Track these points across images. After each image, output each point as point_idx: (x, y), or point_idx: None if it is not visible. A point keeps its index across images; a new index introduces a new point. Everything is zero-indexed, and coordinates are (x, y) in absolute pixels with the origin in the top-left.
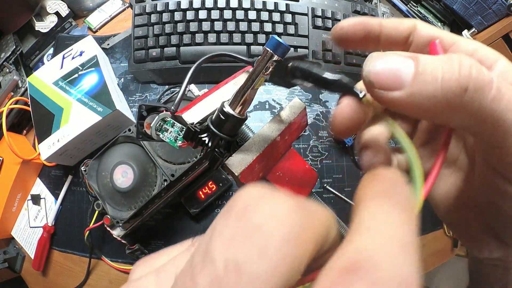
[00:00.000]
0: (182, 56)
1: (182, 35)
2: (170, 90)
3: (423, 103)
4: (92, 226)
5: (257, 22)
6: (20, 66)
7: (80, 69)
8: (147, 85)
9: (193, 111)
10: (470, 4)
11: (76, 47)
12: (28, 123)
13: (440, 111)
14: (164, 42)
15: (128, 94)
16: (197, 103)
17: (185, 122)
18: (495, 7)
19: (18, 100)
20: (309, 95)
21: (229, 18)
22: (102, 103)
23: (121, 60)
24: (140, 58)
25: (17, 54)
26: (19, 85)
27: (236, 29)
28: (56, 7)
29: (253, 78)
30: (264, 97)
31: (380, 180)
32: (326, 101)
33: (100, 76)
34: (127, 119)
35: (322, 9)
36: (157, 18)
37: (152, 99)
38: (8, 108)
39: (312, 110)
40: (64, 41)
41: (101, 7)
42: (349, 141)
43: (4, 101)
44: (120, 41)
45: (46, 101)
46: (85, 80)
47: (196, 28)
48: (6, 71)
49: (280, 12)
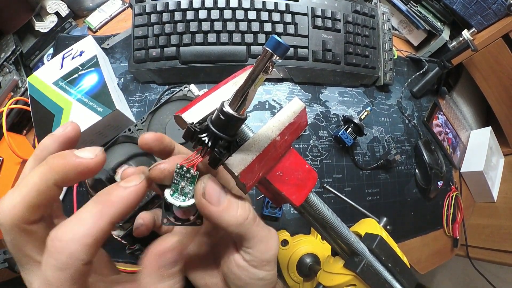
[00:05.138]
0: (182, 56)
1: (182, 35)
2: (170, 90)
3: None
4: None
5: (257, 22)
6: (20, 66)
7: (80, 69)
8: (147, 85)
9: (193, 110)
10: (470, 4)
11: (76, 47)
12: (28, 123)
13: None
14: (164, 42)
15: (128, 94)
16: (197, 103)
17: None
18: (495, 7)
19: (18, 100)
20: (309, 95)
21: (229, 18)
22: (102, 103)
23: (121, 60)
24: (140, 58)
25: (17, 54)
26: (19, 85)
27: (236, 29)
28: (56, 7)
29: (253, 78)
30: (264, 97)
31: None
32: (326, 101)
33: (100, 76)
34: (127, 119)
35: (322, 9)
36: (157, 18)
37: (152, 99)
38: (8, 108)
39: (312, 110)
40: (64, 41)
41: (101, 7)
42: (349, 141)
43: (4, 101)
44: (120, 41)
45: (46, 101)
46: (85, 80)
47: (196, 28)
48: (6, 71)
49: (280, 12)
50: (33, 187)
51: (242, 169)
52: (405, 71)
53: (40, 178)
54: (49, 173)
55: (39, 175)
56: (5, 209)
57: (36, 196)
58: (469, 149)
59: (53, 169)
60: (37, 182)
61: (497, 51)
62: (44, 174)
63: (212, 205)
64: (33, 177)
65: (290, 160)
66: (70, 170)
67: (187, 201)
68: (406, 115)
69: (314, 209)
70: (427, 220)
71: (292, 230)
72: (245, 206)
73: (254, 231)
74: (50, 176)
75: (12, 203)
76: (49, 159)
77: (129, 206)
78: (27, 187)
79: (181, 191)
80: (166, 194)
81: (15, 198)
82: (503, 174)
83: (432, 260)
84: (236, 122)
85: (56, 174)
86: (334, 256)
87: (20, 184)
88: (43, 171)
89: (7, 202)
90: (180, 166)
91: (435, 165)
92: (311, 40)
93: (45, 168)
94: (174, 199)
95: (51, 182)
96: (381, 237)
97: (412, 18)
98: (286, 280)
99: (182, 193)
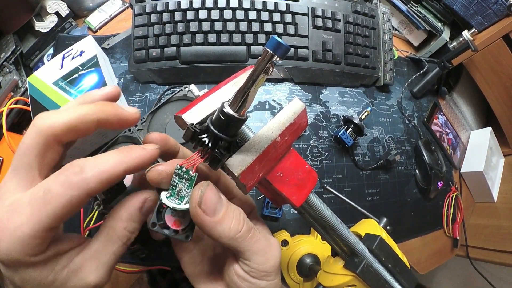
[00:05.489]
0: (182, 56)
1: (182, 35)
2: (170, 90)
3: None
4: (92, 226)
5: (257, 22)
6: (20, 66)
7: (80, 69)
8: (147, 85)
9: (193, 111)
10: (470, 4)
11: (76, 47)
12: (28, 123)
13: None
14: (164, 42)
15: (128, 94)
16: (197, 103)
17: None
18: (495, 7)
19: (18, 100)
20: (309, 95)
21: (229, 18)
22: None
23: (121, 60)
24: (140, 58)
25: (17, 54)
26: (19, 85)
27: (236, 29)
28: (56, 7)
29: (253, 78)
30: (264, 98)
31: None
32: (326, 101)
33: (100, 76)
34: None
35: (322, 9)
36: (157, 18)
37: (152, 99)
38: (8, 108)
39: (312, 110)
40: (64, 41)
41: (101, 7)
42: (349, 142)
43: (4, 101)
44: (120, 41)
45: (46, 101)
46: (85, 80)
47: (196, 28)
48: (6, 71)
49: (280, 12)
50: (79, 116)
51: (242, 170)
52: (405, 72)
53: (87, 111)
54: (97, 110)
55: (87, 109)
56: (51, 120)
57: (78, 123)
58: (469, 149)
59: (101, 109)
60: (83, 113)
61: (497, 51)
62: (91, 110)
63: (207, 215)
64: (82, 108)
65: (290, 160)
66: (114, 115)
67: (183, 205)
68: (406, 116)
69: (314, 210)
70: (427, 220)
71: (292, 230)
72: (239, 219)
73: (248, 244)
74: (96, 113)
75: (58, 117)
76: (98, 102)
77: (143, 164)
78: (75, 113)
79: (178, 194)
80: (162, 195)
81: (62, 114)
82: (503, 174)
83: (432, 260)
84: (236, 123)
85: (102, 113)
86: (334, 256)
87: (70, 108)
88: (92, 107)
89: (54, 115)
90: (180, 167)
91: (435, 166)
92: (311, 40)
93: (94, 106)
94: (170, 201)
95: (95, 117)
96: (381, 238)
97: (412, 18)
98: (286, 280)
99: (178, 196)
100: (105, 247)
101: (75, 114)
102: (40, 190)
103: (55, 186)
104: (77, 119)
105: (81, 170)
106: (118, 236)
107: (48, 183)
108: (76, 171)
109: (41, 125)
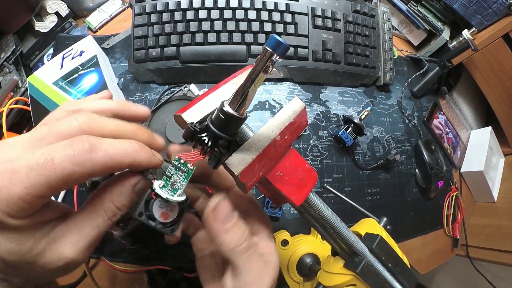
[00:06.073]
0: (182, 56)
1: (182, 35)
2: (170, 90)
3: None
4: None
5: (257, 22)
6: (20, 66)
7: (80, 69)
8: (147, 85)
9: (193, 110)
10: (470, 3)
11: (76, 47)
12: (28, 123)
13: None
14: (164, 42)
15: (128, 94)
16: (197, 102)
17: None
18: (495, 7)
19: (18, 100)
20: (309, 95)
21: (229, 17)
22: None
23: (121, 60)
24: (140, 58)
25: (17, 54)
26: (19, 85)
27: (236, 28)
28: (56, 7)
29: (253, 77)
30: (264, 97)
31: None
32: (326, 101)
33: (100, 76)
34: None
35: (322, 9)
36: (157, 18)
37: (152, 99)
38: (8, 108)
39: (312, 110)
40: (64, 41)
41: (101, 7)
42: (349, 141)
43: (4, 101)
44: (120, 41)
45: (46, 101)
46: (85, 80)
47: (196, 28)
48: (6, 71)
49: (280, 11)
50: (95, 105)
51: (242, 169)
52: (405, 71)
53: (107, 104)
54: (113, 104)
55: (105, 103)
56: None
57: (94, 110)
58: (469, 149)
59: (116, 105)
60: (102, 104)
61: (497, 50)
62: (108, 104)
63: (217, 222)
64: (100, 103)
65: (290, 160)
66: (127, 111)
67: (176, 197)
68: (406, 115)
69: (314, 209)
70: (427, 220)
71: (292, 230)
72: (243, 235)
73: (243, 260)
74: (113, 107)
75: (83, 101)
76: (115, 101)
77: (145, 166)
78: (93, 99)
79: (171, 186)
80: (155, 184)
81: (87, 100)
82: (503, 174)
83: (432, 260)
84: (236, 122)
85: (117, 106)
86: (334, 256)
87: (88, 98)
88: (109, 102)
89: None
90: (178, 158)
91: (435, 165)
92: (311, 40)
93: (112, 102)
94: (163, 192)
95: (110, 107)
96: (381, 237)
97: (412, 18)
98: (286, 279)
99: (172, 188)
100: (89, 218)
101: (92, 102)
102: (43, 156)
103: (59, 157)
104: (92, 107)
105: (90, 149)
106: (104, 208)
107: (52, 151)
108: (86, 148)
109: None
